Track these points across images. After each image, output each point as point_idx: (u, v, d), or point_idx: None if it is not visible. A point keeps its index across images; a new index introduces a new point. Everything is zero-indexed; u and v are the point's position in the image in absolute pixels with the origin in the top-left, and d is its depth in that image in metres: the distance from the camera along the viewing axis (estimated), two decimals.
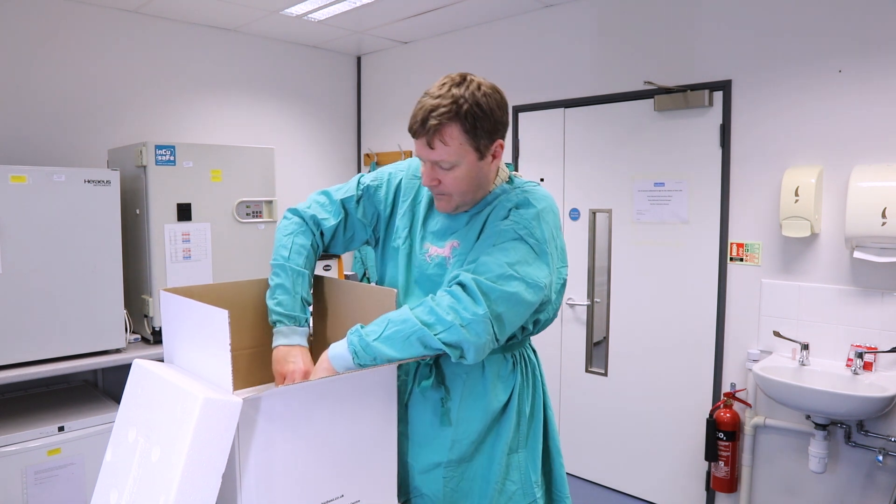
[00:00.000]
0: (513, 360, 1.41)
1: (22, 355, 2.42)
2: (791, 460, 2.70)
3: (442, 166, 1.29)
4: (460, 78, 1.28)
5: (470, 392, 1.38)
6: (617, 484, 3.31)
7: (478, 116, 1.25)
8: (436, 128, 1.24)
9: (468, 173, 1.31)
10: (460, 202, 1.37)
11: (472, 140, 1.27)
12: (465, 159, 1.29)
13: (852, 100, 2.49)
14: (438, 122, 1.23)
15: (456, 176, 1.30)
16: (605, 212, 3.29)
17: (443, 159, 1.27)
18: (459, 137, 1.26)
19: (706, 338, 2.95)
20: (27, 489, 2.37)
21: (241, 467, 1.05)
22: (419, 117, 1.26)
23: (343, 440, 1.19)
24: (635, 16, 3.10)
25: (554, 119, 3.45)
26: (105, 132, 3.39)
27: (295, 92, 4.24)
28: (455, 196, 1.35)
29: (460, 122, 1.24)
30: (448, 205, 1.37)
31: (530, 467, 1.43)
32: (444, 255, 1.39)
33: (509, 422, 1.40)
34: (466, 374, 1.38)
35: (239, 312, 1.33)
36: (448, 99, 1.24)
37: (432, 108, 1.24)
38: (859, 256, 2.39)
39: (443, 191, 1.34)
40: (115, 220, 2.62)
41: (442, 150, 1.26)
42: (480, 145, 1.29)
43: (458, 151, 1.27)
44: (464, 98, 1.24)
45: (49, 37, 3.21)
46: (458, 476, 1.40)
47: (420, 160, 1.35)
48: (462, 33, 3.87)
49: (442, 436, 1.39)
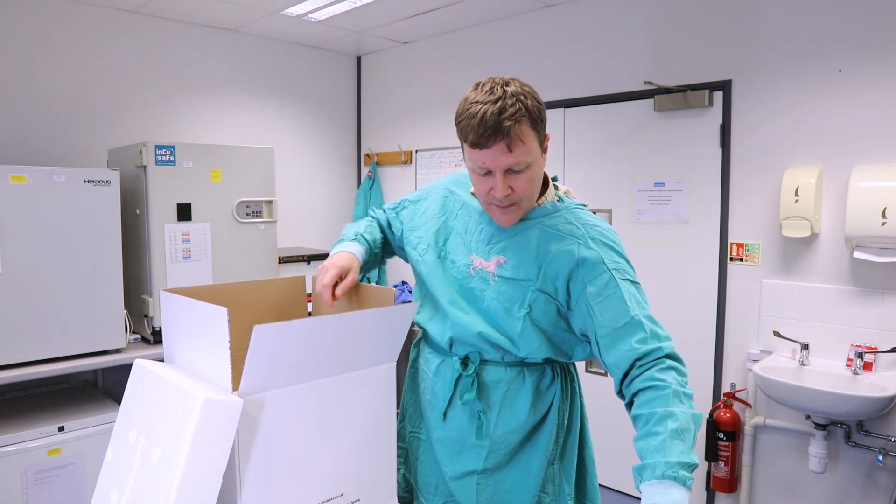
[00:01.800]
0: (553, 373, 1.38)
1: (22, 355, 2.43)
2: (791, 460, 2.70)
3: (515, 169, 1.22)
4: (502, 80, 1.23)
5: (510, 404, 1.35)
6: (617, 484, 3.31)
7: (540, 108, 1.23)
8: (513, 128, 1.17)
9: (537, 173, 1.28)
10: (527, 209, 1.32)
11: (538, 135, 1.24)
12: (536, 157, 1.25)
13: (852, 100, 2.49)
14: (514, 122, 1.17)
15: (529, 177, 1.25)
16: (605, 212, 3.29)
17: (521, 160, 1.21)
18: (531, 134, 1.21)
19: (706, 338, 2.95)
20: (27, 489, 2.37)
21: (241, 467, 1.05)
22: (489, 123, 1.16)
23: (343, 439, 1.19)
24: (635, 16, 3.10)
25: (554, 119, 3.45)
26: (105, 132, 3.39)
27: (295, 92, 4.24)
28: (524, 201, 1.28)
29: (530, 118, 1.20)
30: (516, 216, 1.30)
31: (564, 479, 1.40)
32: (488, 269, 1.34)
33: (548, 434, 1.36)
34: (507, 385, 1.35)
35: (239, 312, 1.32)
36: (511, 99, 1.18)
37: (500, 109, 1.16)
38: (859, 256, 2.39)
39: (514, 198, 1.26)
40: (115, 220, 2.62)
41: (521, 151, 1.20)
42: (542, 139, 1.26)
43: (531, 149, 1.22)
44: (523, 95, 1.20)
45: (49, 37, 3.21)
46: (493, 485, 1.37)
47: (480, 173, 1.25)
48: (462, 33, 3.87)
49: (478, 446, 1.37)
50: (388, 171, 4.35)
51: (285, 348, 1.06)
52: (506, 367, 1.34)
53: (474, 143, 1.20)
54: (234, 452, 1.03)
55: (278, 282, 1.55)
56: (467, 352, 1.36)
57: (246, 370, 1.02)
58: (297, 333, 1.07)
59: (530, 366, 1.34)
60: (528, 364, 1.34)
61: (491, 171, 1.23)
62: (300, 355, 1.09)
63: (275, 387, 1.08)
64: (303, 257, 3.59)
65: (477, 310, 1.34)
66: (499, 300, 1.31)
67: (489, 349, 1.34)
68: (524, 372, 1.34)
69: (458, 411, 1.38)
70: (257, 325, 1.00)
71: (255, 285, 1.48)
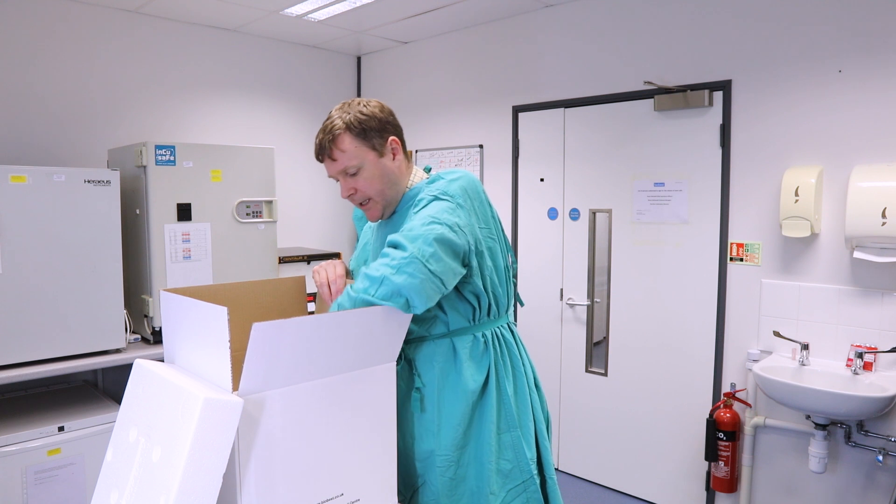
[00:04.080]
0: (483, 340, 1.47)
1: (22, 355, 2.42)
2: (791, 460, 2.70)
3: (349, 172, 1.47)
4: (343, 104, 1.51)
5: (445, 376, 1.45)
6: (617, 484, 3.31)
7: (362, 121, 1.47)
8: (330, 142, 1.45)
9: (375, 172, 1.48)
10: (384, 203, 1.52)
11: (366, 141, 1.47)
12: (367, 159, 1.47)
13: (852, 100, 2.49)
14: (331, 137, 1.45)
15: (366, 177, 1.48)
16: (605, 212, 3.29)
17: (345, 165, 1.46)
18: (353, 142, 1.46)
19: (706, 338, 2.95)
20: (27, 489, 2.37)
21: (241, 467, 1.05)
22: (317, 145, 1.48)
23: (343, 439, 1.20)
24: (635, 16, 3.10)
25: (554, 119, 3.45)
26: (105, 132, 3.39)
27: (295, 92, 4.24)
28: (375, 197, 1.50)
29: (347, 131, 1.45)
30: (375, 210, 1.53)
31: (525, 445, 1.48)
32: None
33: (490, 401, 1.46)
34: (443, 356, 1.45)
35: (239, 312, 1.33)
36: (335, 120, 1.47)
37: (322, 130, 1.47)
38: (859, 256, 2.39)
39: (361, 197, 1.50)
40: (115, 220, 2.62)
41: (342, 158, 1.46)
42: (375, 144, 1.48)
43: (355, 154, 1.46)
44: (347, 113, 1.47)
45: (49, 37, 3.21)
46: (454, 463, 1.44)
47: (337, 182, 1.52)
48: (462, 33, 3.87)
49: (427, 421, 1.45)
50: None
51: (284, 345, 1.06)
52: (434, 340, 1.46)
53: (317, 159, 1.51)
54: (234, 452, 1.03)
55: (278, 282, 1.55)
56: None
57: (245, 367, 1.02)
58: (296, 330, 1.07)
59: (458, 336, 1.46)
60: (456, 335, 1.46)
61: (336, 177, 1.50)
62: (299, 353, 1.09)
63: (275, 386, 1.08)
64: (303, 257, 3.59)
65: None
66: None
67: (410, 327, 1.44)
68: (453, 342, 1.46)
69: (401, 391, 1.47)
70: (256, 323, 1.00)
71: (255, 285, 1.49)
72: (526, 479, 1.47)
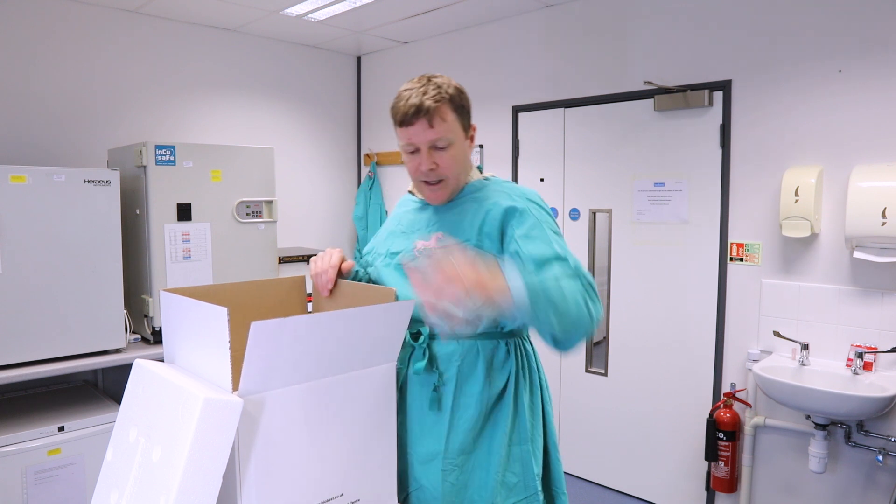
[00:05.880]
0: (506, 349, 1.44)
1: (22, 355, 2.42)
2: (791, 460, 2.70)
3: (439, 145, 1.39)
4: (427, 76, 1.42)
5: (465, 377, 1.41)
6: (617, 484, 3.31)
7: (462, 97, 1.42)
8: (433, 108, 1.35)
9: (460, 152, 1.43)
10: (454, 187, 1.46)
11: (461, 119, 1.42)
12: (458, 137, 1.41)
13: (852, 100, 2.49)
14: (434, 103, 1.36)
15: (453, 155, 1.41)
16: (605, 212, 3.29)
17: (442, 136, 1.38)
18: (451, 115, 1.39)
19: (706, 338, 2.95)
20: (27, 489, 2.37)
21: (241, 467, 1.05)
22: (412, 103, 1.36)
23: (343, 439, 1.19)
24: (635, 16, 3.10)
25: (554, 119, 3.45)
26: (105, 132, 3.39)
27: (295, 92, 4.24)
28: (450, 179, 1.44)
29: (450, 102, 1.39)
30: (444, 192, 1.45)
31: (533, 460, 1.44)
32: (430, 246, 1.45)
33: (506, 411, 1.41)
34: (461, 358, 1.41)
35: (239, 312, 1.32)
36: (433, 87, 1.38)
37: (423, 92, 1.36)
38: (859, 256, 2.39)
39: (441, 174, 1.42)
40: (115, 220, 2.62)
41: (441, 127, 1.37)
42: (465, 125, 1.44)
43: (452, 128, 1.40)
44: (446, 84, 1.40)
45: (49, 37, 3.21)
46: (458, 468, 1.40)
47: (409, 151, 1.43)
48: (462, 33, 3.87)
49: (439, 422, 1.41)
50: (388, 171, 4.35)
51: (284, 344, 1.06)
52: (457, 340, 1.41)
53: (401, 121, 1.38)
54: (234, 452, 1.03)
55: (278, 282, 1.55)
56: (417, 327, 1.43)
57: (245, 367, 1.02)
58: (295, 329, 1.07)
59: (484, 340, 1.41)
60: (482, 338, 1.41)
61: (418, 148, 1.40)
62: (299, 352, 1.09)
63: (275, 386, 1.08)
64: (303, 257, 3.59)
65: None
66: None
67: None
68: (477, 346, 1.41)
69: (415, 386, 1.44)
70: (255, 322, 1.00)
71: (255, 285, 1.48)
72: (530, 494, 1.42)
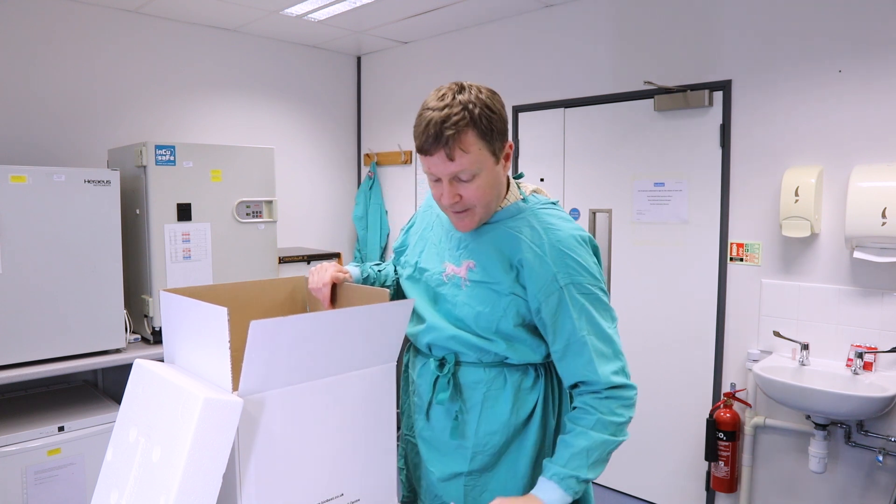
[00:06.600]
0: (535, 374, 1.37)
1: (22, 355, 2.43)
2: (791, 460, 2.70)
3: (462, 178, 1.23)
4: (458, 86, 1.23)
5: (490, 405, 1.35)
6: (617, 484, 3.31)
7: (491, 118, 1.21)
8: (453, 137, 1.18)
9: (489, 181, 1.26)
10: (484, 215, 1.31)
11: (489, 144, 1.23)
12: (485, 166, 1.24)
13: (852, 100, 2.49)
14: (455, 131, 1.18)
15: (479, 185, 1.25)
16: (605, 212, 3.29)
17: (464, 168, 1.21)
18: (477, 143, 1.21)
19: (706, 338, 2.95)
20: (27, 489, 2.37)
21: (241, 467, 1.05)
22: (431, 131, 1.18)
23: (343, 439, 1.19)
24: (635, 15, 3.10)
25: (554, 119, 3.45)
26: (105, 132, 3.39)
27: (295, 92, 4.24)
28: (478, 208, 1.28)
29: (475, 127, 1.20)
30: (471, 222, 1.31)
31: None
32: (460, 275, 1.36)
33: (533, 435, 1.37)
34: (487, 386, 1.36)
35: (239, 312, 1.33)
36: (457, 107, 1.19)
37: (443, 118, 1.18)
38: (859, 256, 2.39)
39: (466, 205, 1.27)
40: (115, 220, 2.62)
41: (463, 160, 1.21)
42: (496, 148, 1.25)
43: (478, 158, 1.22)
44: (472, 103, 1.20)
45: (49, 37, 3.21)
46: (481, 486, 1.38)
47: (432, 179, 1.28)
48: (462, 33, 3.87)
49: (462, 447, 1.38)
50: (388, 171, 4.35)
51: (283, 343, 1.06)
52: (484, 367, 1.36)
53: (419, 148, 1.23)
54: (234, 452, 1.03)
55: (278, 282, 1.55)
56: (444, 354, 1.39)
57: (245, 366, 1.02)
58: (294, 328, 1.07)
59: (511, 367, 1.35)
60: (509, 365, 1.35)
61: (439, 178, 1.25)
62: (299, 351, 1.09)
63: (274, 386, 1.08)
64: (303, 257, 3.59)
65: (451, 314, 1.37)
66: (471, 304, 1.33)
67: (465, 351, 1.36)
68: (504, 373, 1.35)
69: (439, 412, 1.40)
70: (254, 321, 1.00)
71: (255, 285, 1.48)
72: None
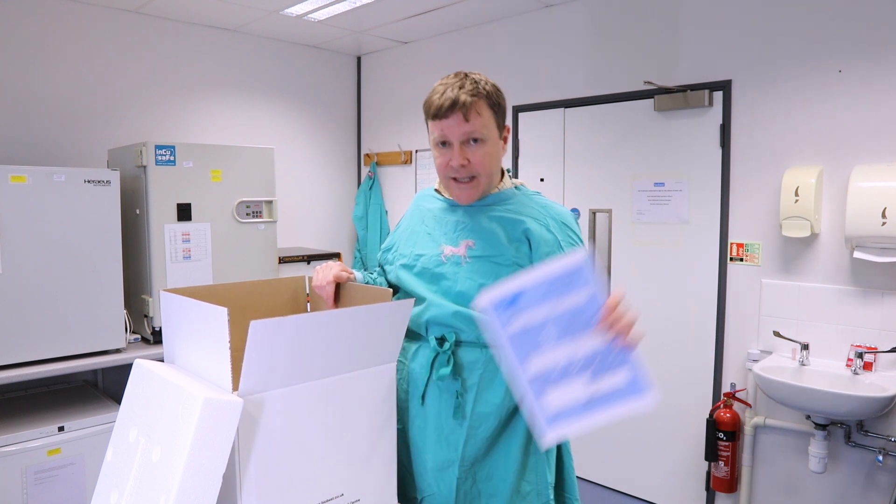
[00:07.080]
0: None
1: (22, 355, 2.42)
2: (791, 460, 2.70)
3: (473, 139, 1.37)
4: (465, 72, 1.40)
5: (486, 386, 1.39)
6: (617, 484, 3.31)
7: (498, 95, 1.40)
8: (470, 102, 1.34)
9: (493, 151, 1.41)
10: (485, 186, 1.43)
11: (496, 117, 1.40)
12: (492, 136, 1.39)
13: (852, 100, 2.49)
14: (471, 98, 1.34)
15: (486, 152, 1.39)
16: (605, 212, 3.29)
17: (476, 129, 1.36)
18: (487, 112, 1.37)
19: (706, 338, 2.95)
20: (27, 489, 2.37)
21: (241, 467, 1.05)
22: (448, 96, 1.34)
23: (343, 439, 1.19)
24: (635, 15, 3.10)
25: (554, 119, 3.45)
26: (105, 132, 3.39)
27: (295, 92, 4.24)
28: (482, 177, 1.41)
29: (487, 99, 1.37)
30: (475, 190, 1.43)
31: (547, 468, 1.44)
32: (459, 253, 1.42)
33: (524, 421, 1.38)
34: (483, 367, 1.39)
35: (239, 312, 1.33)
36: (470, 82, 1.36)
37: (459, 86, 1.35)
38: (859, 256, 2.39)
39: (471, 172, 1.39)
40: (115, 220, 2.62)
41: (477, 122, 1.35)
42: (500, 124, 1.42)
43: (488, 125, 1.38)
44: (482, 82, 1.38)
45: (49, 37, 3.21)
46: (472, 476, 1.40)
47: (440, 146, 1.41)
48: (462, 33, 3.87)
49: (458, 430, 1.40)
50: (388, 171, 4.35)
51: (283, 343, 1.06)
52: (481, 348, 1.39)
53: (435, 114, 1.37)
54: (234, 452, 1.03)
55: (278, 282, 1.55)
56: (443, 332, 1.41)
57: (245, 366, 1.02)
58: (294, 328, 1.07)
59: None
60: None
61: (450, 142, 1.38)
62: (298, 351, 1.09)
63: (275, 386, 1.08)
64: (303, 257, 3.59)
65: (451, 291, 1.41)
66: (473, 278, 1.38)
67: (466, 328, 1.38)
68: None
69: (435, 393, 1.42)
70: (254, 321, 1.00)
71: (255, 285, 1.49)
72: (544, 502, 1.43)
